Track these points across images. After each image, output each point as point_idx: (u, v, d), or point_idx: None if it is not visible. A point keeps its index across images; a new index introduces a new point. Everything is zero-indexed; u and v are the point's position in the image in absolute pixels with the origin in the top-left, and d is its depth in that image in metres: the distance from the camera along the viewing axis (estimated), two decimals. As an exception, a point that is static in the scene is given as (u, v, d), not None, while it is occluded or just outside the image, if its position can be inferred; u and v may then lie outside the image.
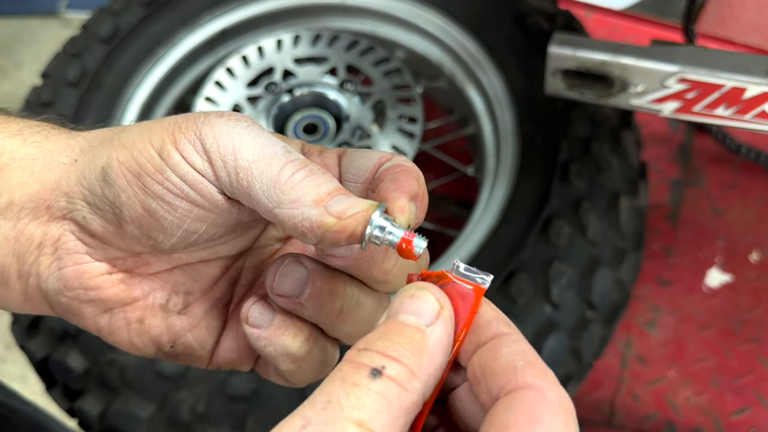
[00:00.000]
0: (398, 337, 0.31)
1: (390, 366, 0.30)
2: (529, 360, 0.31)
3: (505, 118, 0.98)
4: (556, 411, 0.30)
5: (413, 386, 0.30)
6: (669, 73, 0.79)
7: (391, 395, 0.29)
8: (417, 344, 0.31)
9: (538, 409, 0.30)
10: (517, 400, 0.30)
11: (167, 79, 1.09)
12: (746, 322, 1.14)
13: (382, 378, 0.30)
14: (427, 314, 0.32)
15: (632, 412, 1.08)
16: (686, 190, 1.28)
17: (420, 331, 0.32)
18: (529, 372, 0.31)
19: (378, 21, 1.12)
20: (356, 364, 0.30)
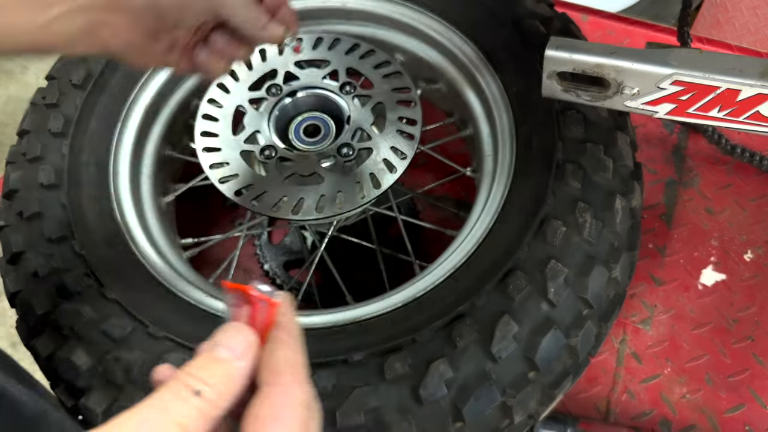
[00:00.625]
0: (214, 368, 0.45)
1: (205, 390, 0.43)
2: (288, 366, 0.46)
3: (502, 120, 0.99)
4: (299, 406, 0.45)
5: (221, 404, 0.44)
6: (664, 76, 0.80)
7: (206, 409, 0.43)
8: (226, 376, 0.45)
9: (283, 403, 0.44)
10: (269, 396, 0.45)
11: (171, 81, 1.09)
12: (741, 320, 1.15)
13: (201, 397, 0.43)
14: (238, 351, 0.46)
15: (628, 409, 1.09)
16: (681, 191, 1.29)
17: (230, 365, 0.45)
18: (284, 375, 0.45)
19: (378, 25, 1.13)
20: (185, 384, 0.43)
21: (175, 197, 1.11)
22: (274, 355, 0.47)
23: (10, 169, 1.03)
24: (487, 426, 0.80)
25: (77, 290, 0.88)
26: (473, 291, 0.83)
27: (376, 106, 1.00)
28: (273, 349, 0.47)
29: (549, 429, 1.03)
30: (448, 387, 0.78)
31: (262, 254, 1.28)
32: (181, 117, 1.13)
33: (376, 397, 0.77)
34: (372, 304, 0.88)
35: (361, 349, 0.80)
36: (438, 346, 0.79)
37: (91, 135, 1.02)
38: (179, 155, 1.13)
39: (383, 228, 1.28)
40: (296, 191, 0.93)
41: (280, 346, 0.47)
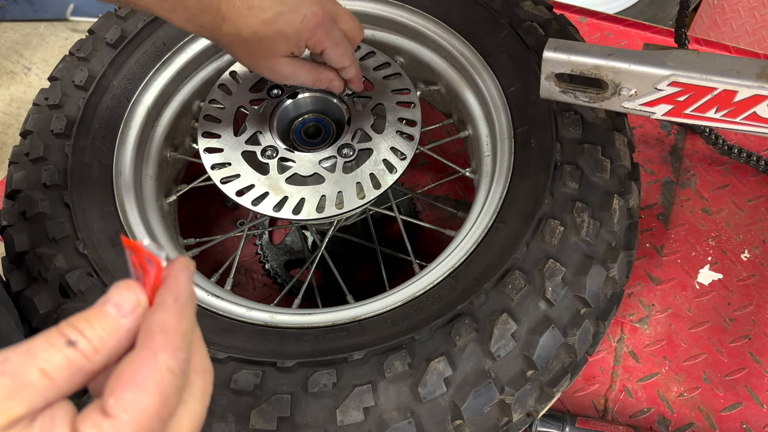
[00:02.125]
0: (97, 323, 0.43)
1: (81, 342, 0.42)
2: (162, 330, 0.44)
3: (501, 121, 1.00)
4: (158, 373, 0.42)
5: (94, 358, 0.43)
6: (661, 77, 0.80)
7: (76, 360, 0.42)
8: (109, 330, 0.43)
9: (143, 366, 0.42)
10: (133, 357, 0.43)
11: (173, 82, 1.10)
12: (738, 319, 1.16)
13: (74, 348, 0.42)
14: (126, 308, 0.44)
15: (626, 407, 1.09)
16: (678, 191, 1.30)
17: (115, 320, 0.44)
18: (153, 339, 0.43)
19: (378, 27, 1.13)
20: (60, 332, 0.42)
21: (178, 197, 1.11)
22: (151, 317, 0.45)
23: (13, 169, 1.03)
24: (486, 424, 0.81)
25: (80, 290, 0.89)
26: (472, 290, 0.83)
27: (376, 107, 1.00)
28: (152, 312, 0.45)
29: (547, 427, 1.04)
30: (447, 385, 0.79)
31: (264, 254, 1.29)
32: (184, 118, 1.13)
33: (376, 395, 0.78)
34: (372, 303, 0.89)
35: (361, 347, 0.81)
36: (437, 345, 0.80)
37: (93, 136, 1.02)
38: (181, 156, 1.14)
39: (383, 228, 1.29)
40: (297, 192, 0.94)
41: (159, 309, 0.45)
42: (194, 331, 0.47)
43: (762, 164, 1.29)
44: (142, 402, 0.42)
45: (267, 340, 0.85)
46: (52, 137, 1.02)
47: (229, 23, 0.82)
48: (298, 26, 0.85)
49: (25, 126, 1.06)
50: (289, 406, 0.78)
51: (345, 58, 0.93)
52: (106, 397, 0.41)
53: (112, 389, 0.42)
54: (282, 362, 0.80)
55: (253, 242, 1.31)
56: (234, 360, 0.81)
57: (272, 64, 0.89)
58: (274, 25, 0.84)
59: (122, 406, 0.41)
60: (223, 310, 0.90)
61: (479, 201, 0.96)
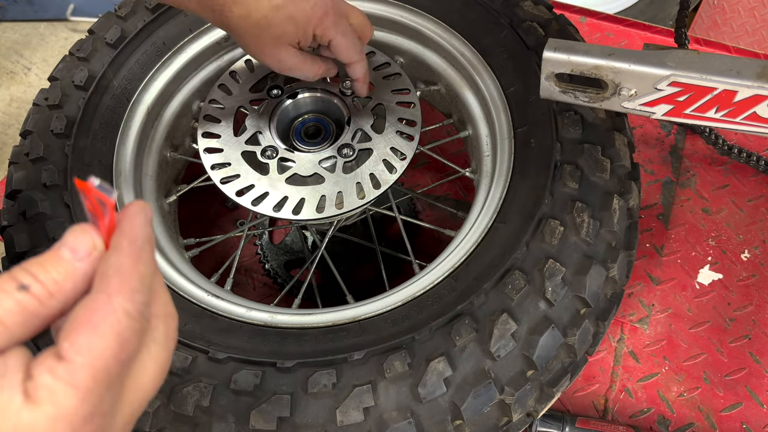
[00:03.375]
0: (51, 266, 0.43)
1: (34, 286, 0.41)
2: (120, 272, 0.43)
3: (501, 121, 1.00)
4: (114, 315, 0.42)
5: (50, 303, 0.42)
6: (661, 77, 0.80)
7: (29, 305, 0.41)
8: (64, 274, 0.43)
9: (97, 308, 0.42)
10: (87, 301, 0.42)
11: (173, 82, 1.10)
12: (738, 319, 1.16)
13: (26, 292, 0.41)
14: (82, 252, 0.44)
15: (626, 408, 1.09)
16: (678, 191, 1.30)
17: (71, 264, 0.43)
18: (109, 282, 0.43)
19: (378, 27, 1.13)
20: (12, 276, 0.42)
21: (178, 197, 1.11)
22: (106, 261, 0.44)
23: (13, 169, 1.03)
24: (486, 424, 0.81)
25: (80, 289, 0.89)
26: (472, 290, 0.83)
27: (376, 107, 1.00)
28: (107, 255, 0.44)
29: (547, 427, 1.04)
30: (447, 385, 0.79)
31: (264, 254, 1.29)
32: (184, 118, 1.13)
33: (376, 396, 0.78)
34: (372, 303, 0.89)
35: (361, 347, 0.81)
36: (437, 345, 0.80)
37: (93, 136, 1.02)
38: (181, 156, 1.14)
39: (383, 228, 1.29)
40: (297, 192, 0.94)
41: (114, 253, 0.44)
42: (155, 276, 0.47)
43: (762, 164, 1.29)
44: (98, 345, 0.41)
45: (267, 340, 0.85)
46: (52, 137, 1.02)
47: (239, 5, 0.83)
48: (307, 12, 0.86)
49: (25, 126, 1.06)
50: (289, 406, 0.78)
51: (352, 51, 0.92)
52: (61, 342, 0.41)
53: (67, 334, 0.41)
54: (282, 362, 0.80)
55: (253, 242, 1.31)
56: (234, 360, 0.81)
57: (278, 52, 0.88)
58: (284, 10, 0.84)
59: (77, 349, 0.40)
60: (223, 310, 0.90)
61: (479, 201, 0.96)
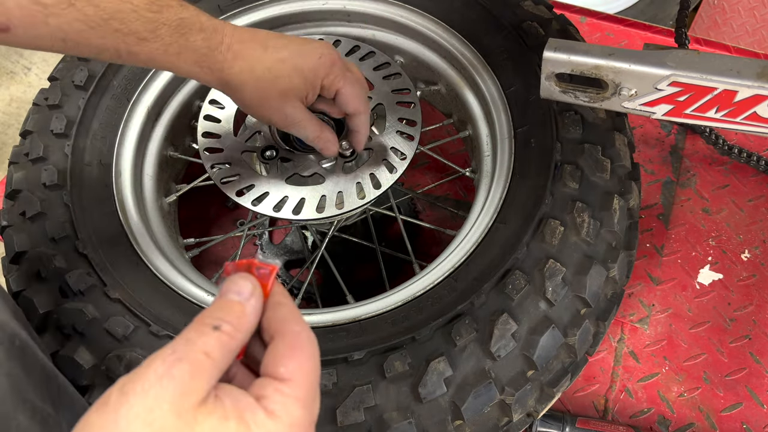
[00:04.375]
0: (227, 308, 0.51)
1: (224, 325, 0.50)
2: (294, 317, 0.53)
3: (501, 121, 1.00)
4: (307, 344, 0.52)
5: (237, 336, 0.50)
6: (661, 77, 0.80)
7: (225, 340, 0.49)
8: (239, 312, 0.51)
9: (296, 342, 0.51)
10: (283, 338, 0.51)
11: (173, 82, 1.10)
12: (738, 319, 1.16)
13: (219, 331, 0.49)
14: (246, 293, 0.52)
15: (626, 408, 1.09)
16: (678, 191, 1.30)
17: (241, 305, 0.51)
18: (292, 324, 0.52)
19: (378, 27, 1.13)
20: (202, 323, 0.50)
21: (178, 197, 1.11)
22: (277, 311, 0.53)
23: (13, 169, 1.03)
24: (486, 424, 0.81)
25: (80, 289, 0.89)
26: (472, 290, 0.83)
27: (377, 107, 1.00)
28: (275, 307, 0.53)
29: (547, 427, 1.04)
30: (448, 385, 0.79)
31: (264, 254, 1.29)
32: (184, 118, 1.13)
33: (376, 396, 0.78)
34: (372, 303, 0.89)
35: (361, 347, 0.81)
36: (437, 345, 0.80)
37: (93, 136, 1.02)
38: (181, 156, 1.14)
39: (383, 228, 1.29)
40: (297, 191, 0.94)
41: (281, 305, 0.53)
42: None
43: (762, 164, 1.29)
44: (306, 366, 0.51)
45: (267, 340, 0.85)
46: (52, 137, 1.02)
47: (241, 59, 0.80)
48: (315, 63, 0.83)
49: (25, 126, 1.06)
50: (289, 406, 0.78)
51: (360, 101, 0.89)
52: (275, 369, 0.50)
53: (278, 362, 0.50)
54: (282, 362, 0.80)
55: (253, 242, 1.31)
56: (234, 360, 0.81)
57: (285, 106, 0.85)
58: (291, 61, 0.82)
59: (292, 372, 0.50)
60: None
61: (479, 201, 0.96)
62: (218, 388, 0.48)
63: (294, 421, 0.49)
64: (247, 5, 1.13)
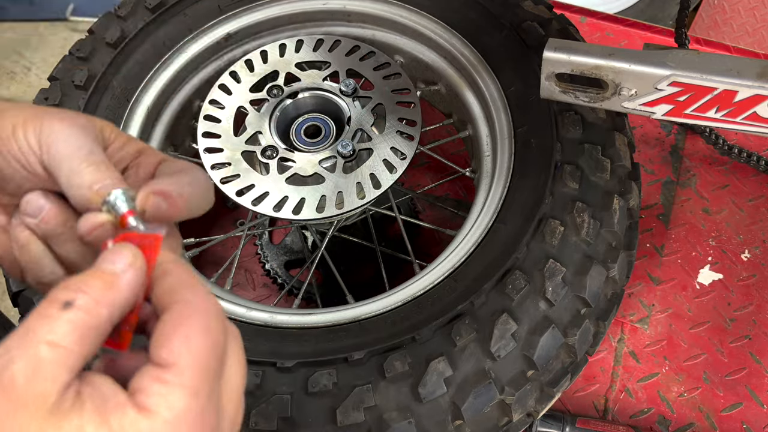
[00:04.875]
0: (92, 278, 0.42)
1: (80, 298, 0.40)
2: (183, 285, 0.44)
3: (501, 121, 1.00)
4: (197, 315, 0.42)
5: (99, 312, 0.41)
6: (661, 77, 0.80)
7: (79, 319, 0.40)
8: (107, 283, 0.42)
9: (182, 316, 0.42)
10: (170, 313, 0.43)
11: (173, 82, 1.10)
12: (738, 319, 1.16)
13: (72, 308, 0.40)
14: (122, 263, 0.43)
15: (626, 408, 1.09)
16: (678, 191, 1.30)
17: (113, 275, 0.43)
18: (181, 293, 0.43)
19: (378, 27, 1.13)
20: (51, 299, 0.40)
21: (177, 197, 1.11)
22: (164, 282, 0.45)
23: (13, 169, 1.03)
24: (486, 424, 0.81)
25: (80, 289, 0.89)
26: (472, 290, 0.83)
27: (376, 107, 1.00)
28: (161, 278, 0.45)
29: (547, 427, 1.04)
30: (448, 385, 0.79)
31: (264, 254, 1.29)
32: (184, 118, 1.13)
33: (376, 396, 0.78)
34: (372, 303, 0.89)
35: (361, 347, 0.81)
36: (437, 345, 0.80)
37: (93, 136, 1.02)
38: (181, 156, 1.14)
39: (383, 228, 1.29)
40: (297, 191, 0.94)
41: (168, 272, 0.45)
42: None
43: (762, 164, 1.29)
44: (195, 344, 0.42)
45: (267, 340, 0.85)
46: (52, 137, 1.02)
47: None
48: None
49: (25, 126, 1.06)
50: (289, 406, 0.78)
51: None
52: (157, 354, 0.41)
53: (160, 344, 0.41)
54: (282, 362, 0.80)
55: (253, 242, 1.31)
56: (234, 360, 0.81)
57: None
58: None
59: (177, 354, 0.41)
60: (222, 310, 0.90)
61: (479, 201, 0.96)
62: (85, 383, 0.40)
63: (177, 415, 0.40)
64: (247, 5, 1.13)
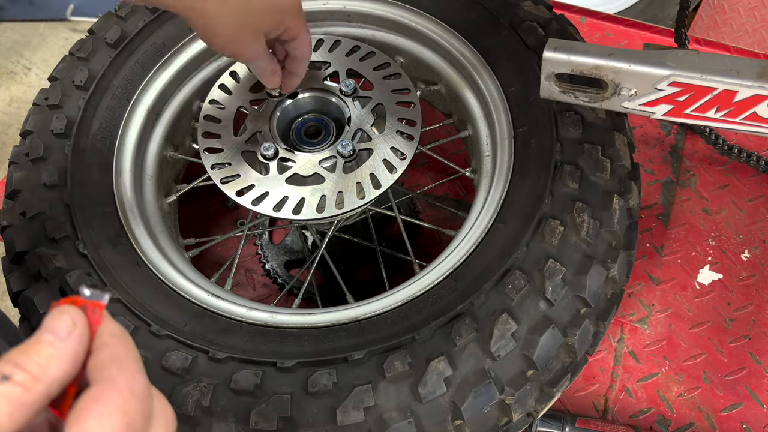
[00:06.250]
0: (33, 351, 0.42)
1: (17, 374, 0.41)
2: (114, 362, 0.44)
3: (501, 121, 1.00)
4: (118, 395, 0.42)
5: (36, 388, 0.41)
6: (661, 77, 0.80)
7: (14, 395, 0.40)
8: (46, 357, 0.42)
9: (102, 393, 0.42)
10: (91, 389, 0.42)
11: (173, 82, 1.10)
12: (738, 319, 1.16)
13: (9, 382, 0.40)
14: (62, 332, 0.43)
15: (626, 407, 1.09)
16: (678, 191, 1.30)
17: (52, 346, 0.43)
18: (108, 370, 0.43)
19: (378, 27, 1.13)
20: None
21: (178, 197, 1.11)
22: (98, 353, 0.45)
23: (13, 169, 1.03)
24: (486, 424, 0.81)
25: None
26: (472, 290, 0.83)
27: (376, 107, 1.00)
28: (97, 349, 0.45)
29: (547, 427, 1.04)
30: (447, 385, 0.79)
31: (264, 254, 1.29)
32: (184, 118, 1.13)
33: (376, 395, 0.78)
34: (372, 303, 0.89)
35: (361, 347, 0.81)
36: (437, 345, 0.80)
37: (93, 136, 1.03)
38: (181, 156, 1.14)
39: (383, 228, 1.29)
40: (297, 192, 0.94)
41: (104, 345, 0.45)
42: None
43: (762, 164, 1.29)
44: (107, 425, 0.41)
45: (267, 340, 0.85)
46: (52, 137, 1.03)
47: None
48: (288, 4, 0.87)
49: (25, 126, 1.07)
50: (289, 406, 0.78)
51: (309, 48, 0.95)
52: (69, 428, 0.40)
53: (74, 420, 0.41)
54: (282, 362, 0.80)
55: (253, 242, 1.31)
56: (234, 360, 0.81)
57: (254, 41, 0.87)
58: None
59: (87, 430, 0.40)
60: (223, 310, 0.90)
61: (479, 201, 0.96)
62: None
63: None
64: (247, 5, 1.13)
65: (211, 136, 1.00)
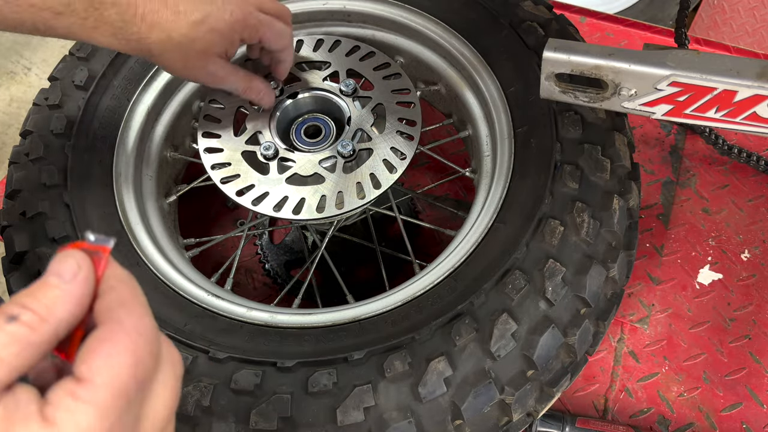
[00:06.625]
0: (39, 293, 0.43)
1: (23, 314, 0.41)
2: (122, 304, 0.44)
3: (501, 121, 1.00)
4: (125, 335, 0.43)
5: (43, 328, 0.42)
6: (661, 77, 0.80)
7: (21, 334, 0.41)
8: (52, 298, 0.43)
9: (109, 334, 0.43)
10: (99, 330, 0.43)
11: (174, 82, 1.10)
12: (738, 319, 1.16)
13: (16, 322, 0.41)
14: (67, 274, 0.44)
15: (626, 407, 1.09)
16: (678, 191, 1.30)
17: (58, 287, 0.43)
18: (116, 312, 0.44)
19: (378, 27, 1.13)
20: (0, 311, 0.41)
21: (178, 197, 1.11)
22: (105, 298, 0.45)
23: (13, 169, 1.03)
24: (486, 424, 0.81)
25: (80, 289, 0.89)
26: (472, 290, 0.83)
27: (376, 107, 1.00)
28: (104, 294, 0.45)
29: (547, 427, 1.04)
30: (448, 385, 0.79)
31: (264, 254, 1.29)
32: (184, 118, 1.13)
33: (376, 395, 0.78)
34: (372, 303, 0.89)
35: (361, 347, 0.81)
36: (437, 345, 0.80)
37: (93, 136, 1.03)
38: (181, 156, 1.14)
39: (383, 228, 1.29)
40: (297, 192, 0.94)
41: (110, 289, 0.46)
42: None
43: (762, 164, 1.29)
44: (116, 364, 0.42)
45: (267, 340, 0.85)
46: (52, 137, 1.03)
47: (157, 30, 0.82)
48: (228, 21, 0.86)
49: (25, 126, 1.07)
50: (289, 406, 0.78)
51: (283, 38, 0.95)
52: (78, 366, 0.41)
53: (83, 359, 0.42)
54: (282, 362, 0.80)
55: (253, 242, 1.31)
56: (234, 360, 0.81)
57: (207, 65, 0.89)
58: (205, 24, 0.84)
59: (95, 370, 0.41)
60: (223, 310, 0.90)
61: (479, 201, 0.96)
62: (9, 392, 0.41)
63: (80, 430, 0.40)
64: (247, 5, 1.13)
65: (211, 136, 1.00)
